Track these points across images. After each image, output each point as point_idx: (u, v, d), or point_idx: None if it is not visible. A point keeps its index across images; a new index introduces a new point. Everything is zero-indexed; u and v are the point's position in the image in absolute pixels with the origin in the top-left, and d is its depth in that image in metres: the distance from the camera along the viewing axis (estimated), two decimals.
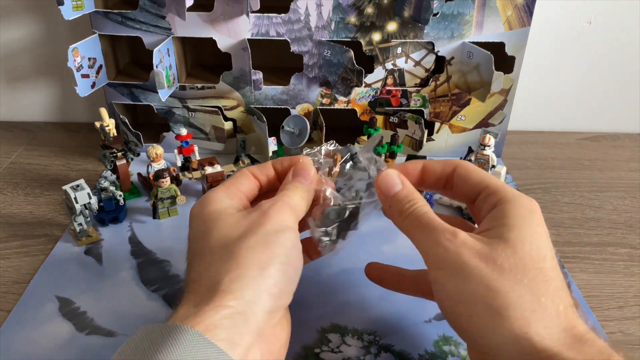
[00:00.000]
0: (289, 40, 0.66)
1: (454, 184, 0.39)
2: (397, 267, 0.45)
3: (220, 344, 0.28)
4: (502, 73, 0.65)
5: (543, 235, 0.35)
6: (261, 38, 0.66)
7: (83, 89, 0.63)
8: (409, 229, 0.37)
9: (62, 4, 0.57)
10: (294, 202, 0.38)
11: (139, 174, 0.68)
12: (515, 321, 0.31)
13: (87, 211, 0.54)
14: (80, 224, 0.55)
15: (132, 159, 0.64)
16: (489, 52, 0.63)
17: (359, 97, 0.70)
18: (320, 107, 0.71)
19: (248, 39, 0.65)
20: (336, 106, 0.71)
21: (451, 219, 0.41)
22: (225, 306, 0.30)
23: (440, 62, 0.68)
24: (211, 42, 0.66)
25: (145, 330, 0.29)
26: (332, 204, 0.40)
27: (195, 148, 0.68)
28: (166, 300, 0.49)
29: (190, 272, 0.35)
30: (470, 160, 0.66)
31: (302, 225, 0.40)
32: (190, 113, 0.71)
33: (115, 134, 0.62)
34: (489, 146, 0.63)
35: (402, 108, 0.71)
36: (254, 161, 0.71)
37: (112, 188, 0.58)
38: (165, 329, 0.28)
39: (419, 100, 0.70)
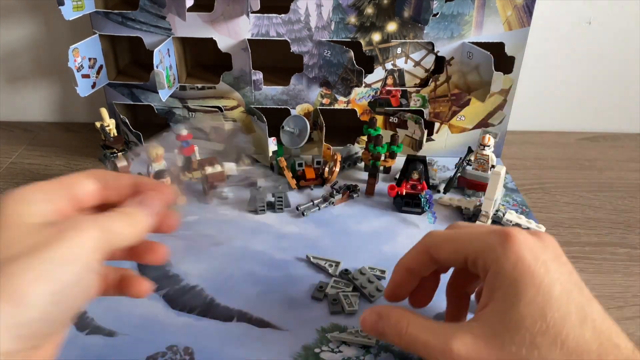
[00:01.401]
0: (289, 40, 0.66)
1: (439, 262, 0.39)
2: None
3: None
4: (502, 73, 0.65)
5: (536, 282, 0.32)
6: (261, 38, 0.66)
7: (83, 89, 0.63)
8: (410, 350, 0.36)
9: (62, 4, 0.57)
10: (114, 227, 0.32)
11: (139, 174, 0.68)
12: None
13: None
14: None
15: (132, 159, 0.64)
16: (489, 53, 0.63)
17: (359, 97, 0.70)
18: (320, 107, 0.71)
19: (248, 39, 0.66)
20: (336, 106, 0.71)
21: (452, 302, 0.42)
22: None
23: (440, 63, 0.68)
24: (211, 42, 0.66)
25: None
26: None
27: (196, 148, 0.68)
28: (166, 300, 0.49)
29: None
30: (470, 160, 0.66)
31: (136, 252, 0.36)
32: (190, 113, 0.71)
33: (116, 134, 0.62)
34: (488, 146, 0.63)
35: (402, 108, 0.71)
36: (253, 161, 0.71)
37: None
38: None
39: (418, 100, 0.70)
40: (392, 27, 0.65)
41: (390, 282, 0.42)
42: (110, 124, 0.62)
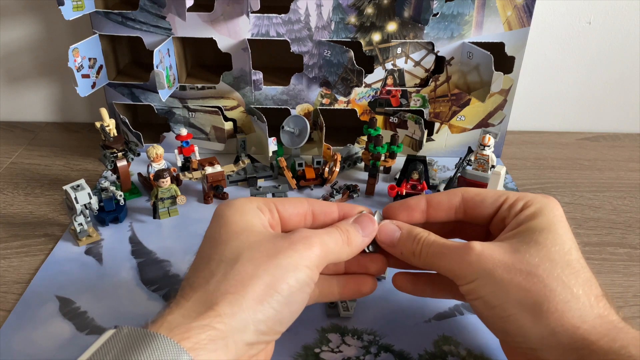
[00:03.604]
0: (289, 40, 0.66)
1: (466, 209, 0.40)
2: (429, 274, 0.43)
3: None
4: (502, 73, 0.65)
5: (566, 229, 0.36)
6: (261, 38, 0.66)
7: (83, 89, 0.63)
8: (427, 263, 0.38)
9: (62, 4, 0.57)
10: (331, 245, 0.37)
11: (139, 174, 0.68)
12: (550, 315, 0.32)
13: (87, 211, 0.54)
14: (80, 224, 0.55)
15: (132, 159, 0.65)
16: (489, 53, 0.63)
17: (359, 97, 0.70)
18: (320, 107, 0.71)
19: (248, 39, 0.66)
20: (336, 106, 0.71)
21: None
22: (211, 327, 0.30)
23: (440, 63, 0.68)
24: (211, 42, 0.66)
25: (128, 333, 0.29)
26: None
27: (196, 148, 0.68)
28: (166, 300, 0.49)
29: (192, 273, 0.35)
30: (470, 161, 0.66)
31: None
32: (190, 113, 0.71)
33: (116, 134, 0.62)
34: (488, 146, 0.63)
35: (402, 108, 0.71)
36: (254, 161, 0.72)
37: (112, 188, 0.58)
38: (148, 336, 0.28)
39: (418, 100, 0.70)
40: (392, 27, 0.65)
41: (401, 202, 0.42)
42: (110, 124, 0.62)
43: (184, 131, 0.66)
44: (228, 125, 0.72)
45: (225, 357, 0.30)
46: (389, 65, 0.68)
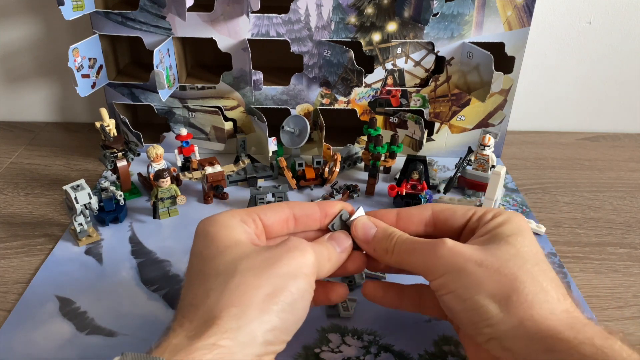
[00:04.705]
0: (289, 40, 0.66)
1: (436, 223, 0.41)
2: (398, 284, 0.44)
3: None
4: (502, 73, 0.65)
5: (533, 238, 0.38)
6: (261, 38, 0.66)
7: (83, 89, 0.63)
8: (399, 259, 0.39)
9: (62, 4, 0.57)
10: (323, 255, 0.37)
11: (139, 174, 0.68)
12: (520, 305, 0.33)
13: (87, 211, 0.54)
14: (80, 224, 0.55)
15: (132, 159, 0.65)
16: (489, 53, 0.63)
17: (359, 97, 0.70)
18: (320, 107, 0.71)
19: (248, 39, 0.66)
20: (336, 106, 0.71)
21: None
22: (218, 346, 0.29)
23: (440, 62, 0.68)
24: (211, 42, 0.66)
25: (132, 359, 0.28)
26: None
27: (196, 148, 0.68)
28: (166, 300, 0.49)
29: (188, 292, 0.34)
30: (470, 161, 0.66)
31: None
32: (190, 113, 0.71)
33: (116, 134, 0.62)
34: (488, 146, 0.63)
35: (402, 108, 0.71)
36: (254, 161, 0.72)
37: (112, 188, 0.58)
38: None
39: (418, 100, 0.70)
40: (392, 27, 0.65)
41: (373, 213, 0.43)
42: (110, 124, 0.62)
43: (184, 131, 0.66)
44: (228, 125, 0.72)
45: None
46: (389, 65, 0.68)
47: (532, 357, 0.31)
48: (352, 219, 0.41)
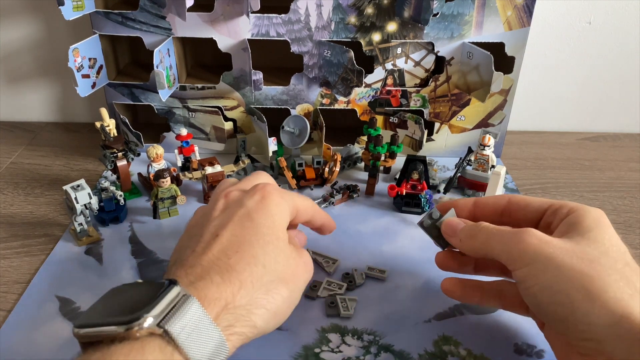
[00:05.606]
0: (289, 40, 0.66)
1: (511, 213, 0.42)
2: (477, 280, 0.44)
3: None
4: (502, 73, 0.65)
5: (616, 235, 0.37)
6: (261, 38, 0.66)
7: (83, 89, 0.63)
8: (485, 244, 0.39)
9: (62, 4, 0.57)
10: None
11: (140, 174, 0.68)
12: (617, 302, 0.32)
13: (87, 211, 0.54)
14: (80, 224, 0.55)
15: (132, 159, 0.65)
16: (489, 53, 0.63)
17: (359, 97, 0.70)
18: (320, 107, 0.71)
19: (248, 39, 0.66)
20: (336, 106, 0.71)
21: None
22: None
23: (440, 63, 0.68)
24: (211, 42, 0.66)
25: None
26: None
27: (196, 148, 0.68)
28: None
29: (229, 248, 0.37)
30: (470, 161, 0.66)
31: None
32: (190, 113, 0.71)
33: (116, 134, 0.62)
34: (488, 146, 0.63)
35: (402, 108, 0.71)
36: (254, 161, 0.72)
37: (112, 188, 0.58)
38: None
39: (418, 100, 0.70)
40: (392, 27, 0.65)
41: (451, 203, 0.45)
42: (110, 124, 0.62)
43: (184, 131, 0.66)
44: (228, 125, 0.72)
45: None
46: (389, 65, 0.68)
47: (634, 358, 0.30)
48: (443, 218, 0.44)
